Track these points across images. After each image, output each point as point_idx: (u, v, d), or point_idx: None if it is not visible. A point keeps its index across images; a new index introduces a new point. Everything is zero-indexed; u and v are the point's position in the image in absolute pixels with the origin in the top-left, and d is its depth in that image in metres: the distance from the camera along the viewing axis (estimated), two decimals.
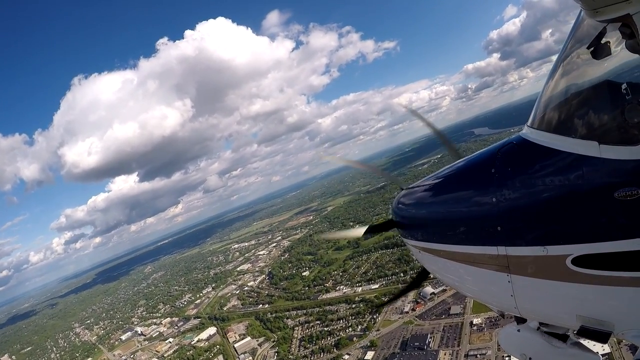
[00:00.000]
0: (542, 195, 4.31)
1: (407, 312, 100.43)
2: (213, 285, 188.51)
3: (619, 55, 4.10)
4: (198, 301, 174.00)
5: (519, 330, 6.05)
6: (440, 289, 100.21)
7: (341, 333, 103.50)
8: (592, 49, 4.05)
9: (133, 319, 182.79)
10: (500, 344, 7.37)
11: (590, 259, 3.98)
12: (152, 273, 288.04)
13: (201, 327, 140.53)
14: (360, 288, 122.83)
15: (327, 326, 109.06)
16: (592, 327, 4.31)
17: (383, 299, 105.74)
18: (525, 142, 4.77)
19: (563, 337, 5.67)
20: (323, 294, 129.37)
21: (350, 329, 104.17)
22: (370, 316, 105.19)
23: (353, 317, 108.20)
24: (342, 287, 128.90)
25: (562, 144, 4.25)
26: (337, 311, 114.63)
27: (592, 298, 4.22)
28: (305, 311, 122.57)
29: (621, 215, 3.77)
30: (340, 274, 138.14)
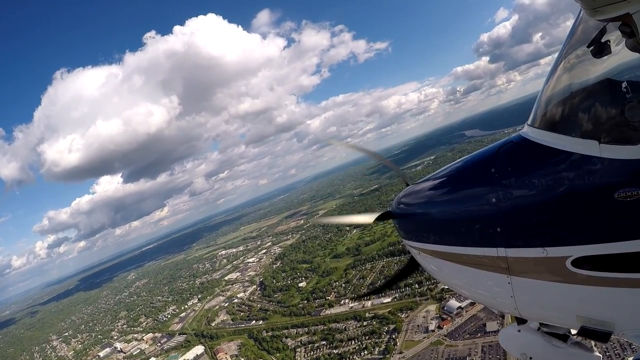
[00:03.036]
0: (542, 195, 4.11)
1: (432, 331, 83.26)
2: (199, 296, 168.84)
3: (619, 54, 3.94)
4: (183, 314, 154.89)
5: (519, 331, 5.73)
6: (468, 302, 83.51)
7: (355, 357, 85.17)
8: (592, 47, 3.94)
9: (113, 332, 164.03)
10: (501, 344, 6.66)
11: (591, 261, 3.84)
12: (135, 280, 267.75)
13: (187, 345, 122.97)
14: (370, 302, 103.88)
15: (335, 348, 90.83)
16: (593, 327, 4.18)
17: (364, 290, 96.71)
18: (525, 141, 4.53)
19: (563, 337, 5.37)
20: (326, 309, 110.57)
21: (365, 351, 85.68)
22: (389, 336, 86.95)
23: (367, 337, 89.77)
24: (347, 300, 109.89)
25: (562, 143, 4.05)
26: (345, 329, 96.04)
27: (592, 299, 4.07)
28: (307, 329, 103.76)
29: (621, 216, 3.59)
30: (343, 285, 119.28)
